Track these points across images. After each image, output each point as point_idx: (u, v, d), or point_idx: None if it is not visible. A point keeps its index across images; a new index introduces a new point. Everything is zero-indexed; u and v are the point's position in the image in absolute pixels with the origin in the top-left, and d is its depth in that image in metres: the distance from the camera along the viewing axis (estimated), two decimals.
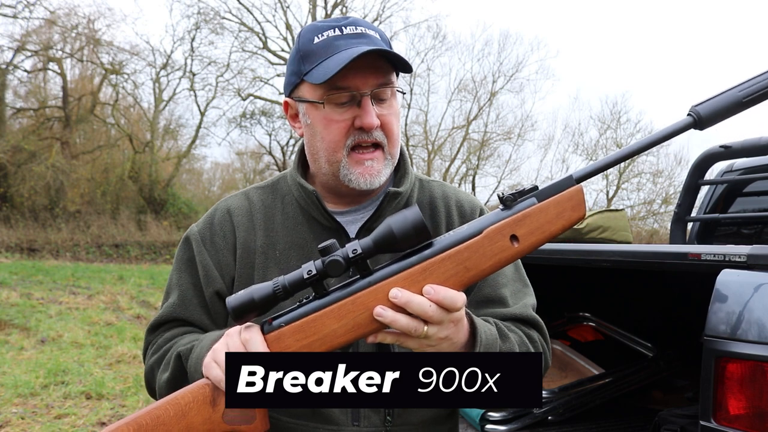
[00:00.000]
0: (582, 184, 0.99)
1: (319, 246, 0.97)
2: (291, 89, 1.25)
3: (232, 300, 0.99)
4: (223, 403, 1.01)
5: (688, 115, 0.96)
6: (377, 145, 1.21)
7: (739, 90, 0.94)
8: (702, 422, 1.46)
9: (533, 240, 0.97)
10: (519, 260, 1.34)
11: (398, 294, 0.94)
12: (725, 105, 0.95)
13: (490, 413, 2.53)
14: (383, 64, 1.18)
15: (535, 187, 0.98)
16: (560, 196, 0.97)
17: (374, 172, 1.21)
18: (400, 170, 1.32)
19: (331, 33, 1.18)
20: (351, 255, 0.96)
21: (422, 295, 0.95)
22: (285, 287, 0.97)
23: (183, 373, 1.16)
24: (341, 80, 1.15)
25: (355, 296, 0.97)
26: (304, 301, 1.01)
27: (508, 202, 0.97)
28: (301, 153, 1.34)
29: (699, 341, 1.53)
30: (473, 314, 1.14)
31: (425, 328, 0.95)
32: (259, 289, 0.98)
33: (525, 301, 1.29)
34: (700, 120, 0.96)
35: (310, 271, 0.96)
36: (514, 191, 0.98)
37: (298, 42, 1.23)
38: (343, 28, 1.19)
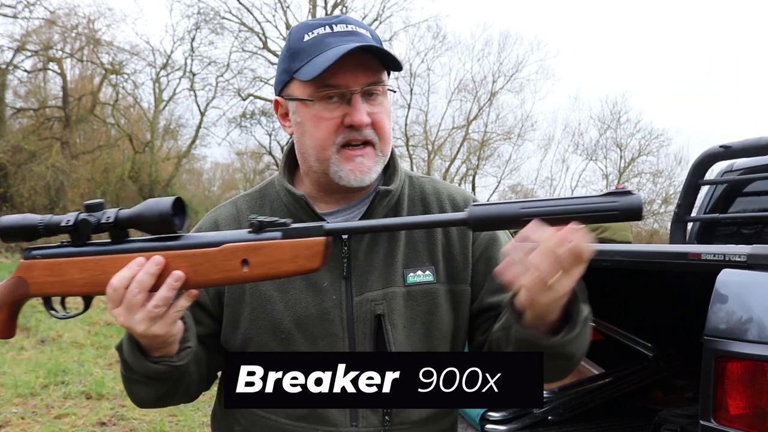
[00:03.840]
0: (327, 238, 0.99)
1: (85, 202, 1.04)
2: (281, 87, 1.25)
3: (4, 220, 1.06)
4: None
5: (467, 212, 0.95)
6: (368, 143, 1.20)
7: (521, 207, 0.93)
8: (702, 422, 1.46)
9: (261, 271, 0.99)
10: None
11: (536, 228, 0.91)
12: (500, 215, 0.93)
13: (490, 413, 2.53)
14: (374, 63, 1.18)
15: (286, 224, 1.00)
16: (300, 241, 0.99)
17: (365, 169, 1.20)
18: (389, 168, 1.31)
19: (321, 30, 1.18)
20: (103, 220, 1.03)
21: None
22: (47, 226, 1.04)
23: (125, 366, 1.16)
24: (331, 78, 1.15)
25: (99, 257, 1.04)
26: (65, 243, 1.07)
27: (255, 227, 1.00)
28: (287, 156, 1.34)
29: (699, 341, 1.53)
30: (495, 301, 1.18)
31: (557, 275, 0.92)
32: (29, 218, 1.05)
33: None
34: (471, 222, 0.94)
35: (68, 220, 1.04)
36: (269, 219, 1.01)
37: (288, 40, 1.23)
38: (333, 25, 1.19)
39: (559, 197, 0.93)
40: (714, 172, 3.44)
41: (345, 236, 1.24)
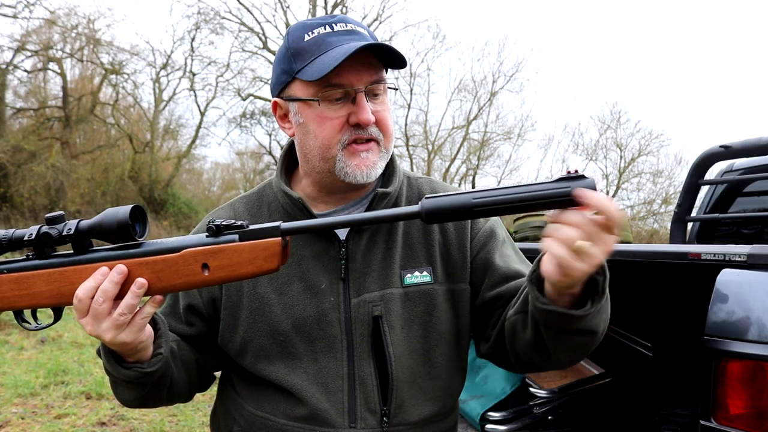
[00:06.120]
0: (285, 238, 1.00)
1: (46, 215, 1.05)
2: (281, 88, 1.24)
3: None
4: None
5: (420, 204, 0.95)
6: (372, 139, 1.21)
7: (473, 197, 0.92)
8: (702, 422, 1.46)
9: (222, 275, 1.01)
10: (514, 243, 1.35)
11: (585, 194, 0.89)
12: (453, 207, 0.93)
13: (490, 413, 2.53)
14: (375, 61, 1.18)
15: (243, 226, 1.01)
16: (257, 242, 1.00)
17: (370, 164, 1.20)
18: (387, 170, 1.31)
19: (321, 30, 1.18)
20: (65, 232, 1.05)
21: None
22: (10, 240, 1.07)
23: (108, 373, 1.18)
24: (335, 77, 1.15)
25: (64, 269, 1.06)
26: (31, 256, 1.08)
27: (212, 231, 1.02)
28: (284, 158, 1.33)
29: (699, 341, 1.53)
30: (498, 292, 1.18)
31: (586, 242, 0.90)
32: None
33: None
34: (423, 214, 0.95)
35: (30, 234, 1.06)
36: (227, 222, 1.02)
37: (287, 40, 1.22)
38: (333, 25, 1.19)
39: (511, 185, 0.92)
40: (714, 172, 3.44)
41: (342, 238, 1.24)
